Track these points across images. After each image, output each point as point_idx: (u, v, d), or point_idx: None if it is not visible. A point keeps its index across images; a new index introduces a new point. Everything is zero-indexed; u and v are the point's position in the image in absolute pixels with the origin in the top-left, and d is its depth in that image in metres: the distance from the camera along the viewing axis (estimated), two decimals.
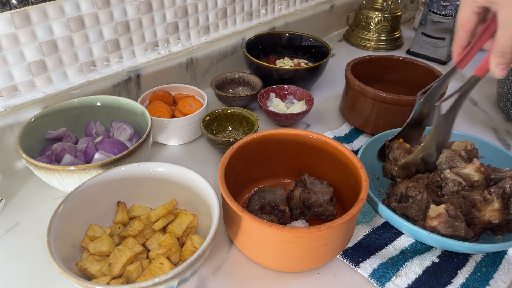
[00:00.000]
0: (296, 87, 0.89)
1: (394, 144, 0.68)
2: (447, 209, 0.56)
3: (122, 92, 0.82)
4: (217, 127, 0.81)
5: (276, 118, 0.82)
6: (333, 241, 0.51)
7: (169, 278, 0.43)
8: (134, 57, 0.84)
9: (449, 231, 0.55)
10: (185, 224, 0.57)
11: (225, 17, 0.98)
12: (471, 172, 0.62)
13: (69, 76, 0.75)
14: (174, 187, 0.59)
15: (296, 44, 1.05)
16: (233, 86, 0.94)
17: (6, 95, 0.68)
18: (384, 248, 0.59)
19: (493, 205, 0.57)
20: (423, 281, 0.54)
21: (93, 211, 0.56)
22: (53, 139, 0.69)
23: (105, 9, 0.74)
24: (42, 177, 0.60)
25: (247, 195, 0.67)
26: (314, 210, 0.61)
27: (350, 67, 0.84)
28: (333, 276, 0.56)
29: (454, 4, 1.04)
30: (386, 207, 0.57)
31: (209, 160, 0.77)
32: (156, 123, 0.74)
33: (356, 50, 1.23)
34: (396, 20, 1.20)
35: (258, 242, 0.51)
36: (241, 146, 0.60)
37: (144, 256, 0.53)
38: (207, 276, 0.55)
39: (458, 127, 0.86)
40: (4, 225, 0.62)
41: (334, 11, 1.27)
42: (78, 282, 0.42)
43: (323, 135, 0.63)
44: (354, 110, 0.82)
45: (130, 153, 0.60)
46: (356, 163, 0.57)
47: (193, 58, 0.92)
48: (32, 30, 0.67)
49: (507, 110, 0.88)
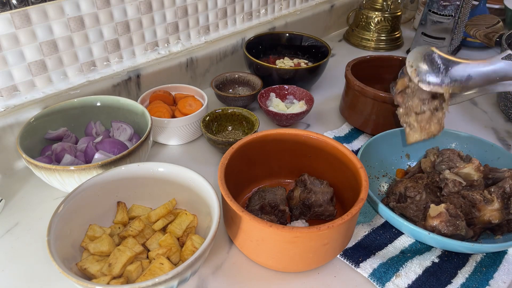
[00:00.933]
0: (296, 87, 0.89)
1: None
2: (447, 208, 0.56)
3: (122, 92, 0.82)
4: (217, 127, 0.81)
5: (276, 118, 0.82)
6: (333, 241, 0.51)
7: (169, 278, 0.43)
8: (134, 57, 0.84)
9: (450, 230, 0.55)
10: (185, 224, 0.57)
11: (225, 17, 0.98)
12: (470, 172, 0.62)
13: (69, 76, 0.75)
14: (174, 187, 0.59)
15: (296, 44, 1.05)
16: (233, 86, 0.94)
17: (6, 95, 0.69)
18: (384, 248, 0.59)
19: (493, 205, 0.57)
20: (423, 281, 0.54)
21: (93, 211, 0.56)
22: (53, 139, 0.69)
23: (105, 9, 0.74)
24: (42, 177, 0.60)
25: (247, 195, 0.67)
26: (314, 210, 0.61)
27: (350, 67, 0.84)
28: (333, 276, 0.56)
29: (454, 4, 1.04)
30: (385, 206, 0.57)
31: (209, 160, 0.77)
32: (156, 123, 0.74)
33: (356, 50, 1.23)
34: (396, 20, 1.20)
35: (258, 242, 0.51)
36: (241, 146, 0.60)
37: (144, 256, 0.53)
38: (207, 276, 0.55)
39: (458, 127, 0.86)
40: (4, 225, 0.62)
41: (334, 11, 1.27)
42: (78, 282, 0.42)
43: (323, 135, 0.63)
44: (354, 110, 0.82)
45: (130, 153, 0.60)
46: (356, 163, 0.57)
47: (193, 58, 0.92)
48: (32, 30, 0.67)
49: (507, 110, 0.88)
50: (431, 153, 0.69)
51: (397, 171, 0.72)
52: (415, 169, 0.70)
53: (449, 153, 0.66)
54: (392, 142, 0.72)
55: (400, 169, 0.72)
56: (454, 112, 0.93)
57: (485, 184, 0.63)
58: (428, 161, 0.68)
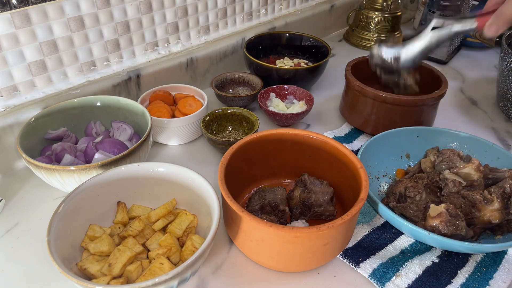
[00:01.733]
0: (296, 87, 0.89)
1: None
2: (447, 208, 0.56)
3: (122, 92, 0.82)
4: (217, 127, 0.81)
5: (276, 118, 0.82)
6: (333, 241, 0.51)
7: (169, 278, 0.43)
8: (134, 57, 0.84)
9: (450, 230, 0.55)
10: (185, 224, 0.57)
11: (225, 17, 0.98)
12: (470, 172, 0.62)
13: (69, 76, 0.75)
14: (174, 187, 0.59)
15: (296, 44, 1.05)
16: (233, 86, 0.94)
17: (6, 95, 0.69)
18: (384, 248, 0.59)
19: (493, 205, 0.57)
20: (423, 281, 0.54)
21: (93, 211, 0.56)
22: (53, 139, 0.69)
23: (105, 9, 0.74)
24: (42, 177, 0.60)
25: (247, 195, 0.67)
26: (314, 210, 0.61)
27: (350, 67, 0.84)
28: (333, 276, 0.56)
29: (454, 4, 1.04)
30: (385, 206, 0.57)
31: (209, 160, 0.77)
32: (156, 123, 0.74)
33: (356, 50, 1.23)
34: (396, 20, 1.20)
35: (258, 242, 0.51)
36: (241, 146, 0.60)
37: (144, 256, 0.53)
38: (207, 276, 0.55)
39: (458, 127, 0.86)
40: (4, 225, 0.62)
41: (334, 11, 1.27)
42: (78, 282, 0.42)
43: (323, 135, 0.63)
44: (354, 110, 0.82)
45: (130, 153, 0.60)
46: (356, 163, 0.57)
47: (193, 58, 0.92)
48: (32, 30, 0.67)
49: (507, 110, 0.88)
50: (431, 153, 0.69)
51: (397, 171, 0.72)
52: (415, 169, 0.70)
53: (449, 153, 0.66)
54: (392, 142, 0.72)
55: (400, 169, 0.72)
56: (454, 112, 0.93)
57: (485, 184, 0.63)
58: (428, 161, 0.68)
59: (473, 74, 1.09)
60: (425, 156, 0.70)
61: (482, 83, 1.05)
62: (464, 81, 1.06)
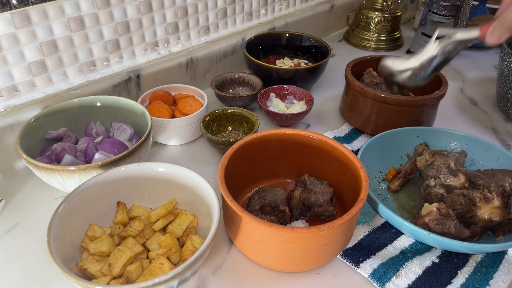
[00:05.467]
0: (296, 87, 0.89)
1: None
2: (438, 207, 0.57)
3: (122, 92, 0.82)
4: (217, 127, 0.81)
5: (276, 118, 0.82)
6: (333, 241, 0.51)
7: (169, 278, 0.43)
8: (134, 57, 0.84)
9: (437, 228, 0.56)
10: (185, 224, 0.57)
11: (225, 17, 0.98)
12: (455, 185, 0.63)
13: (69, 76, 0.75)
14: (174, 187, 0.59)
15: (296, 44, 1.05)
16: (233, 86, 0.94)
17: (6, 95, 0.69)
18: (384, 248, 0.59)
19: (493, 203, 0.57)
20: (423, 281, 0.54)
21: (93, 211, 0.56)
22: (53, 139, 0.69)
23: (105, 9, 0.74)
24: (42, 177, 0.60)
25: (247, 195, 0.67)
26: (314, 210, 0.61)
27: (350, 67, 0.84)
28: (333, 276, 0.56)
29: (454, 4, 1.04)
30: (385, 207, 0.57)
31: (209, 160, 0.77)
32: (156, 123, 0.74)
33: (356, 50, 1.23)
34: (396, 20, 1.20)
35: (258, 242, 0.51)
36: (241, 146, 0.60)
37: (144, 256, 0.53)
38: (207, 276, 0.55)
39: (458, 127, 0.87)
40: (4, 225, 0.62)
41: (334, 11, 1.28)
42: (78, 282, 0.42)
43: (323, 135, 0.63)
44: (354, 110, 0.82)
45: (130, 153, 0.60)
46: (356, 163, 0.57)
47: (193, 58, 0.92)
48: (32, 30, 0.67)
49: (507, 110, 0.88)
50: (426, 152, 0.69)
51: (391, 169, 0.71)
52: (407, 167, 0.69)
53: (440, 162, 0.66)
54: (392, 142, 0.72)
55: (393, 168, 0.72)
56: (454, 112, 0.93)
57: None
58: (423, 159, 0.68)
59: (473, 74, 1.09)
60: (420, 154, 0.70)
61: (482, 83, 1.05)
62: (464, 81, 1.06)
